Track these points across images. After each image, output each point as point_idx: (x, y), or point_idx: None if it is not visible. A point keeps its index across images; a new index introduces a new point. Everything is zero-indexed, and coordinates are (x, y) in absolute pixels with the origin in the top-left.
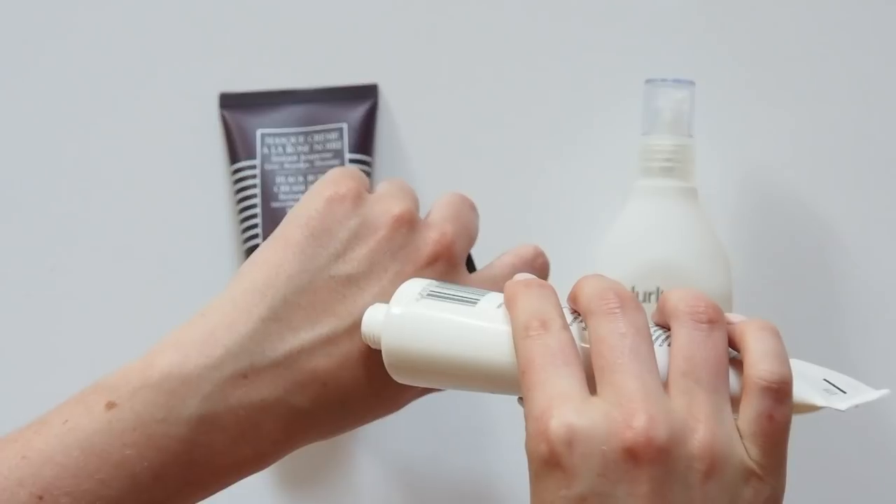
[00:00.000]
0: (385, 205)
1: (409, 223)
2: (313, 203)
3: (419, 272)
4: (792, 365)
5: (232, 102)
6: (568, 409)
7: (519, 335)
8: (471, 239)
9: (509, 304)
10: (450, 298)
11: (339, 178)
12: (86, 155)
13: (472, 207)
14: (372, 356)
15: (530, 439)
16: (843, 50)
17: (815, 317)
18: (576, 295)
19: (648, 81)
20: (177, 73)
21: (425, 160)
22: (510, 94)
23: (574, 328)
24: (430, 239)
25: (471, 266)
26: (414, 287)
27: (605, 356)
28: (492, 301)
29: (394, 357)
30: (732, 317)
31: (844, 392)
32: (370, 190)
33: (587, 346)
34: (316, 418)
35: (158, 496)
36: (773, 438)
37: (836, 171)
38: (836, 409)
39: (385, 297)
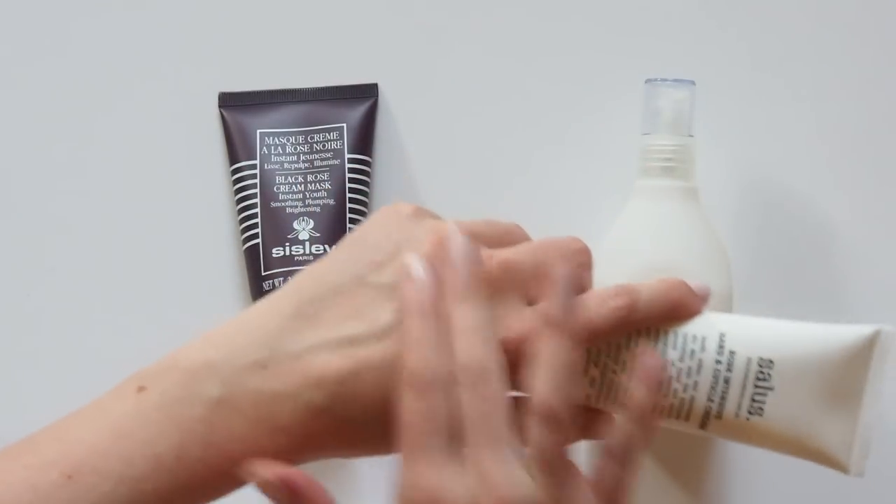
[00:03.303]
0: (440, 224)
1: None
2: (374, 213)
3: None
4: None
5: (231, 102)
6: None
7: None
8: None
9: None
10: None
11: (409, 203)
12: (86, 155)
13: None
14: (396, 364)
15: None
16: (844, 50)
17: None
18: None
19: (648, 81)
20: (177, 73)
21: (425, 160)
22: (510, 94)
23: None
24: None
25: None
26: None
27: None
28: None
29: None
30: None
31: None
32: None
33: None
34: (334, 418)
35: (181, 477)
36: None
37: (837, 170)
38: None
39: None
